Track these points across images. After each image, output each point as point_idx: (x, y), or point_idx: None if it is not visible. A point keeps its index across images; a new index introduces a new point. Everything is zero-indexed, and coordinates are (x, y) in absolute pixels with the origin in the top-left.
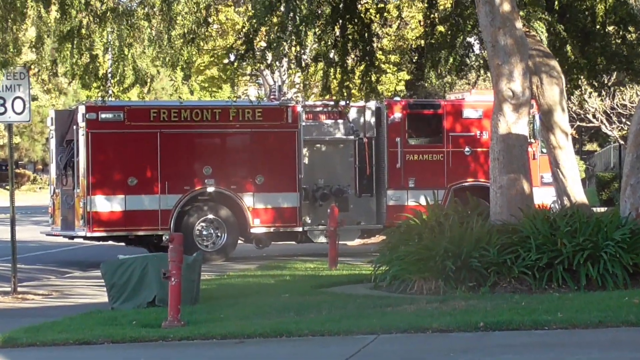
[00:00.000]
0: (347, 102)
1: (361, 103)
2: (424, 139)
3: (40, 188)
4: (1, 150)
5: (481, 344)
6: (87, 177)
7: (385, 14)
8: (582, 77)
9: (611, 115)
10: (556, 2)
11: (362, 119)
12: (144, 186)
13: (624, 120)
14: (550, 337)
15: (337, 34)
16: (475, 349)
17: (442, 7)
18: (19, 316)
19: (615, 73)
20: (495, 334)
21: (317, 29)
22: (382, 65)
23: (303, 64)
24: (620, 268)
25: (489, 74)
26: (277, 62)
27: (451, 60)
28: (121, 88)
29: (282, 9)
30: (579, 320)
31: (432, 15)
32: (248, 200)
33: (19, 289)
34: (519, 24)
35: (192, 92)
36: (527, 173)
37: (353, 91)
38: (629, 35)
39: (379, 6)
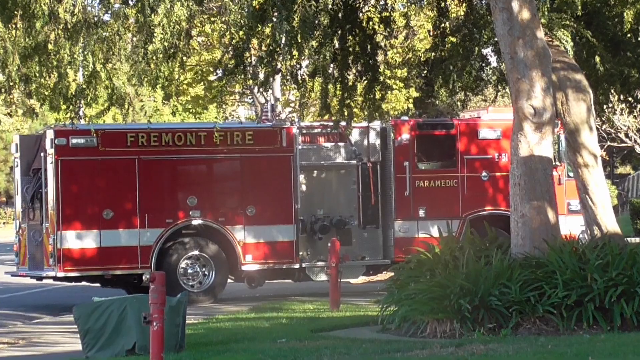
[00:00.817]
0: (349, 122)
1: (364, 123)
2: (435, 163)
3: (4, 223)
4: None
5: None
6: (57, 210)
7: (390, 23)
8: (612, 91)
9: None
10: (580, 8)
11: (365, 142)
12: (121, 219)
13: None
14: None
15: (337, 46)
16: None
17: (453, 16)
18: None
19: None
20: None
21: (313, 41)
22: (388, 81)
23: (299, 80)
24: None
25: (507, 90)
26: (270, 78)
27: (464, 75)
28: (94, 110)
29: (273, 18)
30: None
31: (442, 25)
32: (238, 234)
33: None
34: (540, 33)
35: (174, 114)
36: (552, 200)
37: (355, 110)
38: None
39: (382, 15)
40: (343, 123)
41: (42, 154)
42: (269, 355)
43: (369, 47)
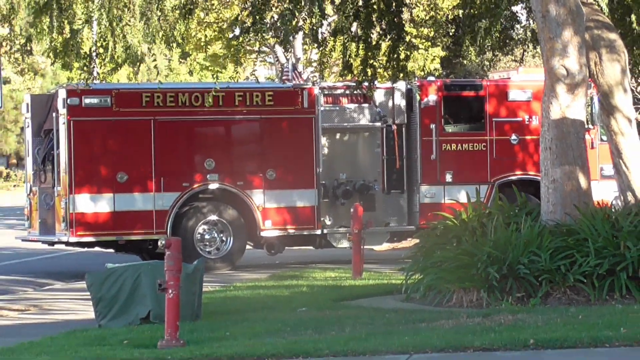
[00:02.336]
0: (372, 82)
1: (389, 84)
2: (463, 126)
3: (14, 186)
4: None
5: None
6: (69, 172)
7: None
8: None
9: None
10: None
11: (390, 103)
12: (136, 183)
13: None
14: (612, 356)
15: (360, 3)
16: None
17: None
18: None
19: None
20: (547, 353)
21: None
22: (413, 40)
23: (320, 39)
24: None
25: (538, 49)
26: (290, 37)
27: (493, 33)
28: (109, 68)
29: None
30: None
31: None
32: (257, 199)
33: None
34: None
35: (191, 73)
36: (584, 164)
37: (379, 70)
38: None
39: None
40: (366, 83)
41: (54, 115)
42: (289, 325)
43: (393, 4)
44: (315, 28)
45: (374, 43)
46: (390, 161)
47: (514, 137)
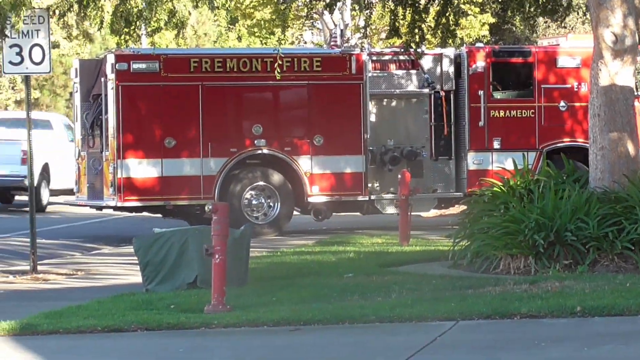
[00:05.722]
0: (419, 45)
1: (437, 50)
2: (511, 93)
3: None
4: (19, 106)
5: (578, 332)
6: (117, 137)
7: None
8: None
9: None
10: None
11: (438, 69)
12: (184, 148)
13: None
14: None
15: None
16: (571, 338)
17: None
18: (38, 299)
19: None
20: (594, 321)
21: None
22: (462, 6)
23: (366, 2)
24: None
25: (588, 16)
26: (338, 2)
27: None
28: (152, 27)
29: None
30: None
31: None
32: (305, 165)
33: (39, 268)
34: None
35: (239, 39)
36: (633, 131)
37: (428, 36)
38: None
39: None
40: (413, 47)
41: (102, 79)
42: (335, 290)
43: None
44: None
45: (422, 7)
46: (438, 127)
47: (562, 104)
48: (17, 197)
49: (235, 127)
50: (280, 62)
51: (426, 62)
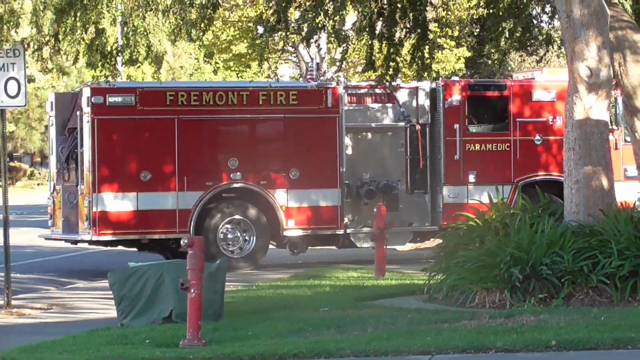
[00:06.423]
0: (394, 78)
1: (413, 84)
2: (487, 126)
3: (38, 184)
4: None
5: None
6: (92, 171)
7: None
8: None
9: None
10: None
11: (414, 103)
12: (160, 182)
13: None
14: (634, 358)
15: (384, 1)
16: None
17: None
18: (13, 334)
19: None
20: (569, 355)
21: None
22: (438, 40)
23: (342, 36)
24: None
25: (563, 50)
26: (314, 34)
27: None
28: (130, 59)
29: None
30: None
31: None
32: (281, 198)
33: (13, 302)
34: None
35: (215, 72)
36: (607, 165)
37: (404, 70)
38: None
39: None
40: (388, 79)
41: (78, 113)
42: (311, 324)
43: (418, 2)
44: (338, 26)
45: (397, 41)
46: (413, 161)
47: (537, 137)
48: None
49: (211, 161)
50: (259, 95)
51: (402, 96)
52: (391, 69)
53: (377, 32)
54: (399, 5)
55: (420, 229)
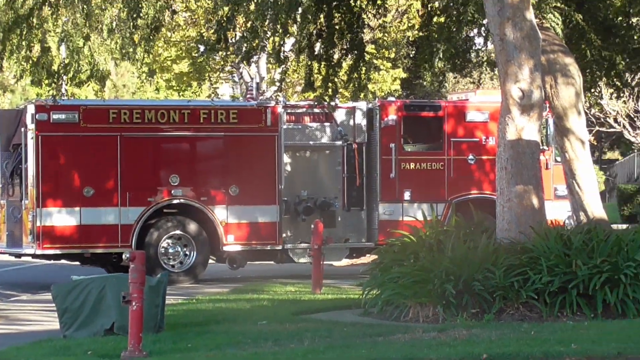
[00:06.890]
0: (332, 98)
1: (350, 104)
2: (421, 145)
3: None
4: None
5: None
6: (36, 186)
7: (378, 1)
8: (601, 76)
9: (635, 119)
10: None
11: (351, 122)
12: (102, 197)
13: None
14: None
15: (323, 22)
16: None
17: None
18: None
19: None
20: None
21: (298, 17)
22: (375, 61)
23: (282, 57)
24: None
25: (496, 72)
26: (253, 54)
27: (448, 56)
28: (75, 81)
29: None
30: (596, 352)
31: (430, 4)
32: (220, 214)
33: None
34: (530, 15)
35: (157, 90)
36: (538, 184)
37: (342, 90)
38: None
39: None
40: (326, 100)
41: (22, 129)
42: (250, 337)
43: (355, 24)
44: (277, 47)
45: (335, 62)
46: (350, 179)
47: (471, 157)
48: None
49: (152, 177)
50: (200, 113)
51: (339, 115)
52: (330, 89)
53: (315, 53)
54: (337, 27)
55: (356, 245)
